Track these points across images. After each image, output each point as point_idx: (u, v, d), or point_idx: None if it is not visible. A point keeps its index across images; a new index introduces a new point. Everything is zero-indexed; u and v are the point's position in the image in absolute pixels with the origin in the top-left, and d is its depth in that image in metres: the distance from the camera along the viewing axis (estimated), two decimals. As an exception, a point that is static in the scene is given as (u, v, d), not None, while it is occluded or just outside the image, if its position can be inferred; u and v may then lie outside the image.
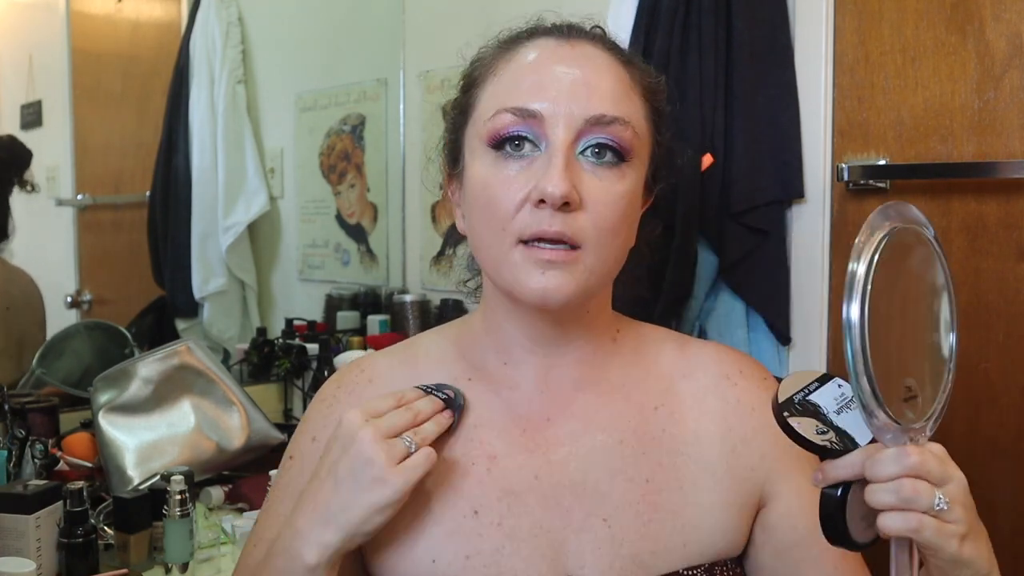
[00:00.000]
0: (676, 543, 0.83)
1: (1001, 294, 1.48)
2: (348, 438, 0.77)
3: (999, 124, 1.47)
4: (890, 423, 0.65)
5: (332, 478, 0.77)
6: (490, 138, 0.79)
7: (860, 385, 0.64)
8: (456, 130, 0.87)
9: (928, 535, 0.64)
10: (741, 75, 1.61)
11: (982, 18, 1.48)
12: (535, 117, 0.77)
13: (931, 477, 0.65)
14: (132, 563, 1.38)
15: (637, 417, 0.87)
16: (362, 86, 2.49)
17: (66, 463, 1.59)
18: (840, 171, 1.61)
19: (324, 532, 0.76)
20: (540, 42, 0.83)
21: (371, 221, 2.49)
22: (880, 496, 0.65)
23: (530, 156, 0.78)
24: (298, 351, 2.20)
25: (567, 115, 0.77)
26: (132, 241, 2.34)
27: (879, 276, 0.65)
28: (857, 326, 0.63)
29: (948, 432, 1.53)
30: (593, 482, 0.83)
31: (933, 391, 0.70)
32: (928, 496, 0.64)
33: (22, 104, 2.09)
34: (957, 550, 0.65)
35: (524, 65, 0.81)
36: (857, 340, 0.63)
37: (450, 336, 0.93)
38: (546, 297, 0.77)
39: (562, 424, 0.85)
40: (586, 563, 0.81)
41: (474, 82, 0.85)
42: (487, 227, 0.80)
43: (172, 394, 1.69)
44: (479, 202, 0.80)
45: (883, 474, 0.65)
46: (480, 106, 0.83)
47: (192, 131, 2.30)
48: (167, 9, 2.40)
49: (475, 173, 0.81)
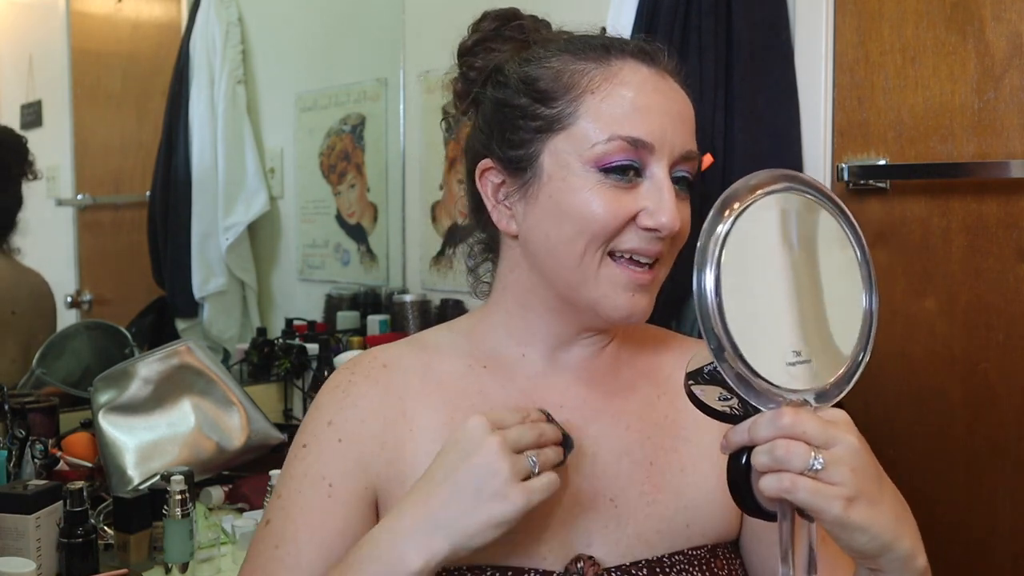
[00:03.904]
0: (679, 524, 0.87)
1: (1001, 294, 1.48)
2: (473, 444, 0.74)
3: (999, 124, 1.47)
4: (768, 388, 0.66)
5: (450, 484, 0.73)
6: (599, 162, 0.81)
7: (720, 350, 0.65)
8: (530, 135, 0.85)
9: (803, 496, 0.63)
10: (741, 75, 1.61)
11: (982, 18, 1.48)
12: (646, 148, 0.81)
13: (808, 438, 0.64)
14: (132, 563, 1.38)
15: (642, 405, 0.91)
16: (362, 86, 2.49)
17: (66, 463, 1.59)
18: (840, 171, 1.61)
19: (432, 539, 0.73)
20: (636, 67, 0.84)
21: (371, 221, 2.49)
22: (758, 458, 0.65)
23: (634, 181, 0.82)
24: (298, 351, 2.20)
25: (670, 148, 0.82)
26: (132, 241, 2.34)
27: (736, 241, 0.67)
28: (711, 291, 0.65)
29: (948, 432, 1.53)
30: (601, 464, 0.87)
31: (836, 356, 0.70)
32: (801, 457, 0.63)
33: (22, 104, 2.09)
34: (841, 513, 0.63)
35: (631, 91, 0.83)
36: (711, 303, 0.65)
37: (461, 329, 0.95)
38: (631, 317, 0.83)
39: (574, 410, 0.88)
40: (593, 542, 0.84)
41: (564, 92, 0.84)
42: (579, 241, 0.82)
43: (172, 394, 1.69)
44: (574, 217, 0.82)
45: (760, 436, 0.65)
46: (582, 124, 0.82)
47: (192, 131, 2.30)
48: (167, 9, 2.40)
49: (570, 188, 0.82)
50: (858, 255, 0.72)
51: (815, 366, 0.68)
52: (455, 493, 0.73)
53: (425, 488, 0.75)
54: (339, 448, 0.86)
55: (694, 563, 0.86)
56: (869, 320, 0.72)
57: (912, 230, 1.58)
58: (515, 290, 0.90)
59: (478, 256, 0.99)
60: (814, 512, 0.64)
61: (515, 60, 0.89)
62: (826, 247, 0.72)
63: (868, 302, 0.72)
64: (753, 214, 0.69)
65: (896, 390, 1.61)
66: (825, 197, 0.72)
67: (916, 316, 1.58)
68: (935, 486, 1.55)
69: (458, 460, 0.74)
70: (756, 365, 0.66)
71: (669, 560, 0.85)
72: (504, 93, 0.87)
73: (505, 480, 0.72)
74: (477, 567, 0.81)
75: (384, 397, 0.87)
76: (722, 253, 0.66)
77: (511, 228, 0.88)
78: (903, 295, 1.60)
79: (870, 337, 0.72)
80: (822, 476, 0.64)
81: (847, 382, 0.70)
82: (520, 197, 0.86)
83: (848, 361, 0.70)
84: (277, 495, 0.88)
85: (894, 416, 1.61)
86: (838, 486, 0.64)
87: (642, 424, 0.90)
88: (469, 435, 0.75)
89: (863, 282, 0.72)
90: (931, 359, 1.57)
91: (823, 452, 0.64)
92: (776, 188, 0.70)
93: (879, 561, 0.68)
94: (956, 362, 1.54)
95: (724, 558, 0.88)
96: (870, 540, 0.65)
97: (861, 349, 0.71)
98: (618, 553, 0.84)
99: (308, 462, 0.86)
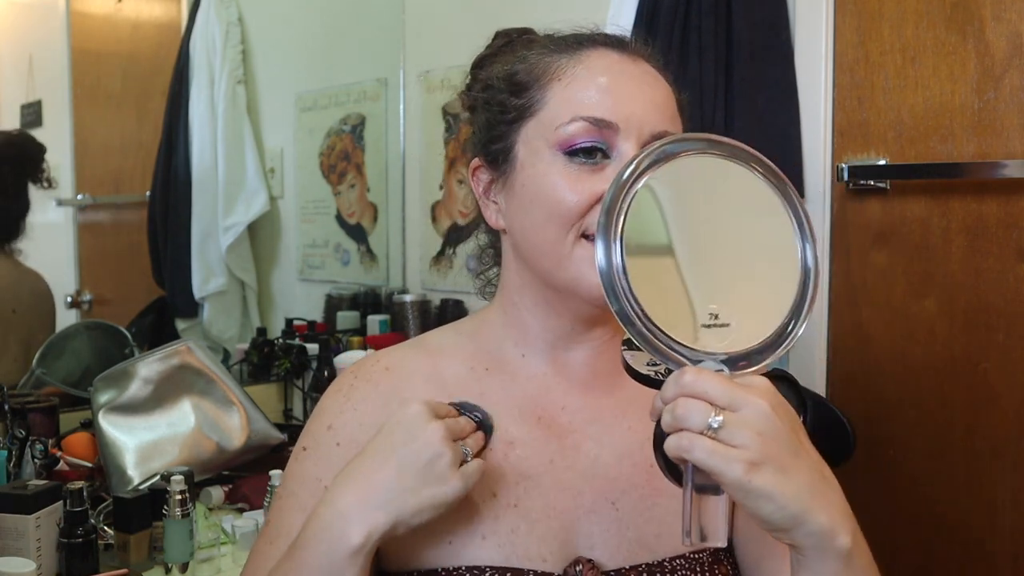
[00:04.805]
0: (679, 527, 0.85)
1: (1001, 294, 1.48)
2: (417, 427, 0.77)
3: (999, 124, 1.47)
4: (671, 348, 0.65)
5: (394, 463, 0.76)
6: (564, 144, 0.82)
7: (622, 311, 0.65)
8: (506, 128, 0.87)
9: (700, 455, 0.61)
10: (741, 75, 1.61)
11: (982, 18, 1.48)
12: (611, 128, 0.81)
13: (711, 398, 0.62)
14: (132, 563, 1.38)
15: (644, 405, 0.90)
16: (362, 86, 2.49)
17: (66, 463, 1.59)
18: (840, 171, 1.61)
19: (375, 514, 0.75)
20: (604, 52, 0.86)
21: (371, 221, 2.49)
22: (664, 418, 0.64)
23: (601, 163, 0.82)
24: (298, 351, 2.21)
25: (638, 129, 0.81)
26: (132, 241, 2.34)
27: (644, 200, 0.67)
28: (617, 252, 0.65)
29: (948, 432, 1.53)
30: (603, 467, 0.86)
31: (764, 322, 0.68)
32: (700, 415, 0.62)
33: (22, 104, 2.09)
34: (742, 477, 0.61)
35: (596, 75, 0.83)
36: (616, 264, 0.65)
37: (466, 331, 0.95)
38: None
39: (575, 412, 0.88)
40: (595, 544, 0.84)
41: (534, 82, 0.86)
42: (550, 225, 0.82)
43: (172, 394, 1.69)
44: (543, 201, 0.83)
45: (666, 396, 0.64)
46: (549, 109, 0.84)
47: (192, 131, 2.30)
48: (167, 9, 2.40)
49: (538, 173, 0.83)
50: (788, 211, 0.70)
51: (736, 330, 0.66)
52: (401, 471, 0.75)
53: (369, 464, 0.77)
54: (337, 452, 0.86)
55: (695, 567, 0.85)
56: (805, 279, 0.69)
57: (912, 230, 1.58)
58: (508, 288, 0.91)
59: (488, 260, 0.99)
60: (714, 474, 0.62)
61: (502, 62, 0.91)
62: (753, 208, 0.70)
63: (803, 256, 0.69)
64: (665, 174, 0.68)
65: (896, 390, 1.61)
66: (748, 156, 0.71)
67: (916, 317, 1.58)
68: (935, 486, 1.55)
69: (402, 441, 0.76)
70: (662, 325, 0.65)
71: (669, 564, 0.85)
72: (489, 92, 0.90)
73: (447, 464, 0.75)
74: (476, 568, 0.82)
75: (385, 401, 0.88)
76: (628, 211, 0.66)
77: (500, 223, 0.89)
78: (903, 296, 1.60)
79: (806, 300, 0.68)
80: (723, 437, 0.61)
81: (773, 349, 0.67)
82: (501, 189, 0.88)
83: (775, 327, 0.67)
84: (277, 495, 0.90)
85: (894, 416, 1.61)
86: (740, 449, 0.61)
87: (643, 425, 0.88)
88: (412, 419, 0.77)
89: (797, 235, 0.69)
90: (931, 359, 1.57)
91: (727, 413, 0.62)
92: (690, 149, 0.70)
93: (793, 535, 0.65)
94: (956, 362, 1.54)
95: (726, 562, 0.87)
96: (777, 510, 0.62)
97: (793, 315, 0.68)
98: (618, 556, 0.84)
99: (307, 465, 0.88)
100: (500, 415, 0.87)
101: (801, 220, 0.70)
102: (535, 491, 0.84)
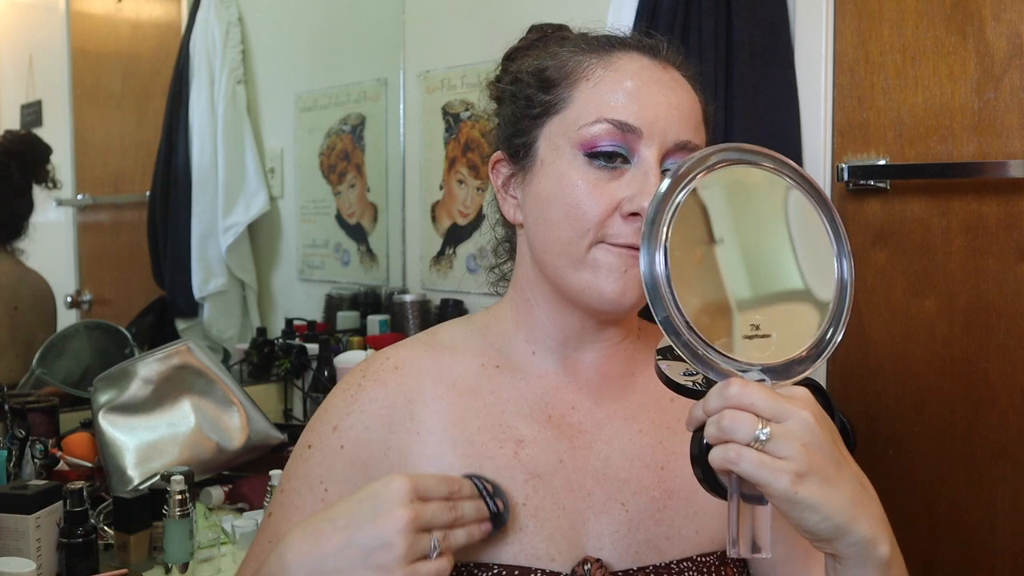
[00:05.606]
0: (689, 530, 0.86)
1: (1001, 294, 1.48)
2: (385, 507, 0.74)
3: (999, 124, 1.47)
4: (715, 359, 0.65)
5: (345, 536, 0.74)
6: (586, 144, 0.82)
7: (667, 321, 0.65)
8: (530, 122, 0.87)
9: (747, 467, 0.61)
10: (741, 75, 1.61)
11: (982, 18, 1.48)
12: (634, 132, 0.81)
13: (757, 410, 0.63)
14: (132, 563, 1.38)
15: (655, 408, 0.90)
16: (362, 86, 2.49)
17: (66, 463, 1.59)
18: (840, 171, 1.61)
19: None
20: (635, 57, 0.85)
21: (371, 221, 2.49)
22: (708, 430, 0.64)
23: (620, 168, 0.81)
24: (298, 351, 2.21)
25: (661, 136, 0.81)
26: (132, 241, 2.34)
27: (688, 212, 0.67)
28: (661, 261, 0.65)
29: (948, 432, 1.53)
30: (614, 468, 0.86)
31: (804, 332, 0.68)
32: (747, 427, 0.62)
33: (22, 104, 2.09)
34: (789, 488, 0.61)
35: (624, 78, 0.83)
36: (660, 272, 0.65)
37: (477, 325, 0.94)
38: (623, 299, 0.81)
39: (586, 412, 0.88)
40: (604, 545, 0.84)
41: (563, 80, 0.85)
42: (567, 226, 0.82)
43: (172, 394, 1.69)
44: (561, 201, 0.82)
45: (710, 408, 0.64)
46: (574, 108, 0.84)
47: (192, 131, 2.30)
48: (167, 9, 2.40)
49: (558, 171, 0.83)
50: (826, 223, 0.70)
51: (777, 341, 0.67)
52: (346, 548, 0.73)
53: (327, 526, 0.76)
54: (341, 454, 0.86)
55: (703, 569, 0.85)
56: (842, 290, 0.69)
57: (912, 230, 1.58)
58: (521, 283, 0.91)
59: (504, 254, 0.99)
60: (761, 486, 0.62)
61: (534, 56, 0.91)
62: (793, 220, 0.70)
63: (840, 270, 0.70)
64: (707, 185, 0.68)
65: (896, 390, 1.61)
66: (787, 169, 0.71)
67: (916, 316, 1.58)
68: (935, 486, 1.55)
69: (364, 516, 0.74)
70: (706, 336, 0.65)
71: (678, 566, 0.85)
72: (517, 86, 0.89)
73: (396, 558, 0.72)
74: (484, 565, 0.82)
75: (392, 401, 0.87)
76: (672, 222, 0.66)
77: (517, 218, 0.89)
78: (903, 295, 1.60)
79: (843, 310, 0.69)
80: (770, 449, 0.62)
81: (813, 359, 0.68)
82: (520, 184, 0.88)
83: (814, 337, 0.68)
84: (280, 490, 0.89)
85: (894, 416, 1.61)
86: (786, 460, 0.62)
87: (655, 428, 0.89)
88: (386, 496, 0.74)
89: (835, 249, 0.70)
90: (931, 359, 1.57)
91: (773, 425, 0.62)
92: (731, 159, 0.70)
93: (835, 545, 0.65)
94: (956, 362, 1.54)
95: (734, 565, 0.87)
96: (822, 520, 0.63)
97: (831, 324, 0.69)
98: (627, 557, 0.84)
99: (310, 464, 0.87)
100: (510, 413, 0.87)
101: (839, 233, 0.71)
102: (544, 490, 0.84)
